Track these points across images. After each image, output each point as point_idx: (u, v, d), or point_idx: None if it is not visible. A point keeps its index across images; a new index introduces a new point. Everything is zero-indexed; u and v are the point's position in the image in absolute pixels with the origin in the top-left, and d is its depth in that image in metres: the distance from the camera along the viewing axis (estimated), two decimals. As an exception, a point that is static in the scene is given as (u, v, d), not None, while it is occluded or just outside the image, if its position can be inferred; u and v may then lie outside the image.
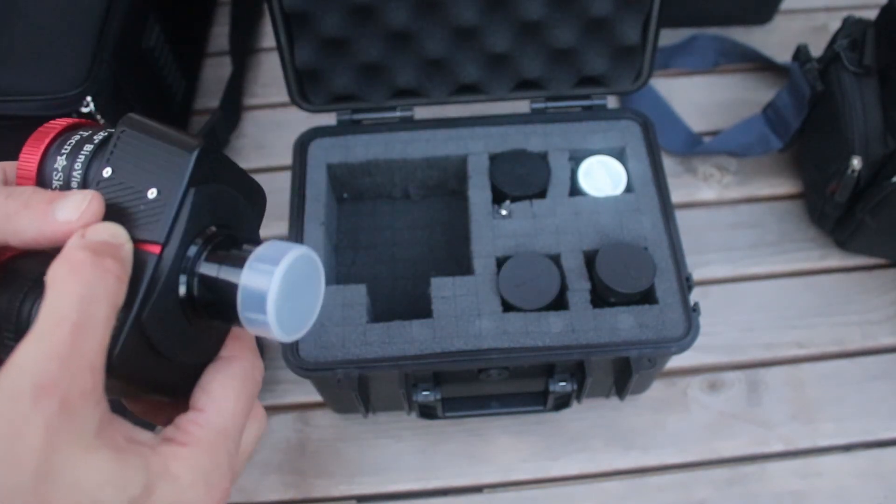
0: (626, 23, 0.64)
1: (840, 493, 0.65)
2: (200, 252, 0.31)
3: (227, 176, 0.34)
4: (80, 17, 0.67)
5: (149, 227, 0.30)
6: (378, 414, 0.69)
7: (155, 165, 0.31)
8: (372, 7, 0.61)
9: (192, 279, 0.31)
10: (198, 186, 0.31)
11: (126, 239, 0.29)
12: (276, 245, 0.31)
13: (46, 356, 0.25)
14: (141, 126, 0.32)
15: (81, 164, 0.32)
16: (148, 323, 0.29)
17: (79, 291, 0.27)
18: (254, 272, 0.30)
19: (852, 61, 0.70)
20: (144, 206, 0.30)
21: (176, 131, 0.32)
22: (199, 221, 0.31)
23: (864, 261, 0.77)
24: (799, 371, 0.71)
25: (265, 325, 0.30)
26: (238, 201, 0.34)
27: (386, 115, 0.69)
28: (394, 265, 0.69)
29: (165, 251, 0.30)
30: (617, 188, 0.65)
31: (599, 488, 0.66)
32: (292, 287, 0.31)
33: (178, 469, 0.29)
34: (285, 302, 0.30)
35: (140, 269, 0.30)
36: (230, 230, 0.33)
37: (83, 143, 0.33)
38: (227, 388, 0.32)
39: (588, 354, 0.57)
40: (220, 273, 0.31)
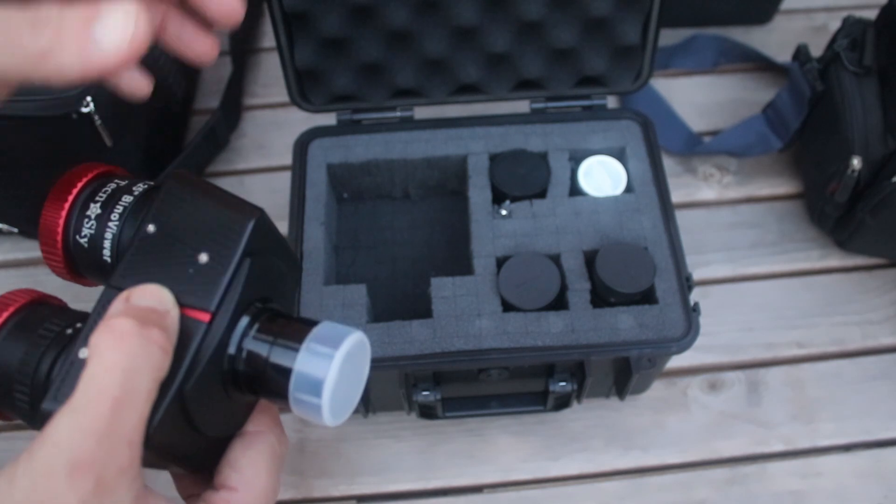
0: (626, 23, 0.64)
1: (840, 493, 0.65)
2: (250, 326, 0.30)
3: (273, 246, 0.32)
4: (80, 17, 0.67)
5: (198, 294, 0.28)
6: (378, 414, 0.69)
7: (207, 228, 0.29)
8: (372, 7, 0.61)
9: (239, 353, 0.30)
10: (252, 257, 0.29)
11: (172, 305, 0.28)
12: (332, 328, 0.30)
13: (84, 432, 0.24)
14: (190, 183, 0.30)
15: (119, 216, 0.31)
16: (190, 396, 0.28)
17: (122, 364, 0.25)
18: (313, 354, 0.29)
19: (852, 61, 0.70)
20: (194, 271, 0.29)
21: (229, 194, 0.31)
22: (250, 292, 0.30)
23: (864, 261, 0.77)
24: (799, 371, 0.71)
25: (317, 408, 0.29)
26: (283, 272, 0.33)
27: (386, 115, 0.69)
28: (394, 265, 0.69)
29: (216, 321, 0.29)
30: (617, 188, 0.65)
31: (599, 488, 0.66)
32: (346, 371, 0.30)
33: None
34: (338, 386, 0.29)
35: (187, 337, 0.28)
36: (274, 302, 0.32)
37: (121, 194, 0.31)
38: (257, 465, 0.31)
39: (588, 354, 0.57)
40: (274, 351, 0.29)
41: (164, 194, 0.30)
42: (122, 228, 0.31)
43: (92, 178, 0.32)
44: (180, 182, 0.30)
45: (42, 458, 0.24)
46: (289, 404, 0.29)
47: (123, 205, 0.31)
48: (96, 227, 0.31)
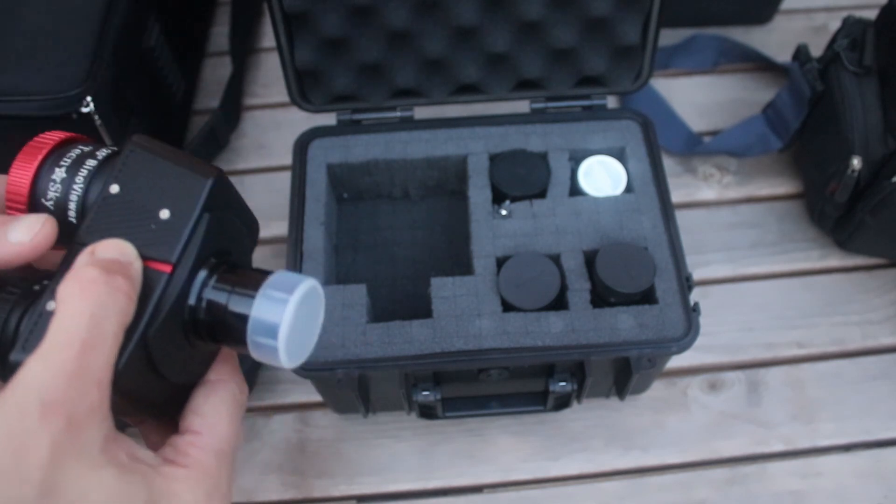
0: (626, 23, 0.64)
1: (840, 493, 0.65)
2: (209, 276, 0.31)
3: (232, 204, 0.34)
4: (80, 17, 0.67)
5: (160, 247, 0.30)
6: (378, 414, 0.69)
7: (168, 187, 0.31)
8: (372, 7, 0.61)
9: (199, 302, 0.31)
10: (211, 213, 0.31)
11: (135, 257, 0.29)
12: (287, 276, 0.31)
13: (54, 373, 0.26)
14: (151, 147, 0.32)
15: (84, 179, 0.32)
16: (153, 341, 0.30)
17: (89, 309, 0.27)
18: (268, 300, 0.30)
19: (852, 61, 0.70)
20: (156, 226, 0.31)
21: (188, 156, 0.32)
22: (209, 246, 0.31)
23: (864, 261, 0.77)
24: (799, 371, 0.71)
25: (274, 351, 0.30)
26: (240, 230, 0.35)
27: (386, 115, 0.69)
28: (394, 265, 0.69)
29: (177, 272, 0.30)
30: (617, 188, 0.65)
31: (599, 488, 0.66)
32: (301, 316, 0.31)
33: (181, 489, 0.29)
34: (293, 330, 0.31)
35: (149, 287, 0.30)
36: (233, 257, 0.33)
37: (85, 158, 0.33)
38: (219, 410, 0.32)
39: (588, 354, 0.57)
40: (232, 299, 0.31)
41: (126, 157, 0.32)
42: (86, 190, 0.32)
43: (57, 145, 0.34)
44: (142, 144, 0.32)
45: (13, 400, 0.25)
46: (248, 349, 0.31)
47: (88, 168, 0.32)
48: (62, 190, 0.32)
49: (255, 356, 0.31)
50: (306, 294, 0.31)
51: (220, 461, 0.31)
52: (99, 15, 0.67)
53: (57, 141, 0.34)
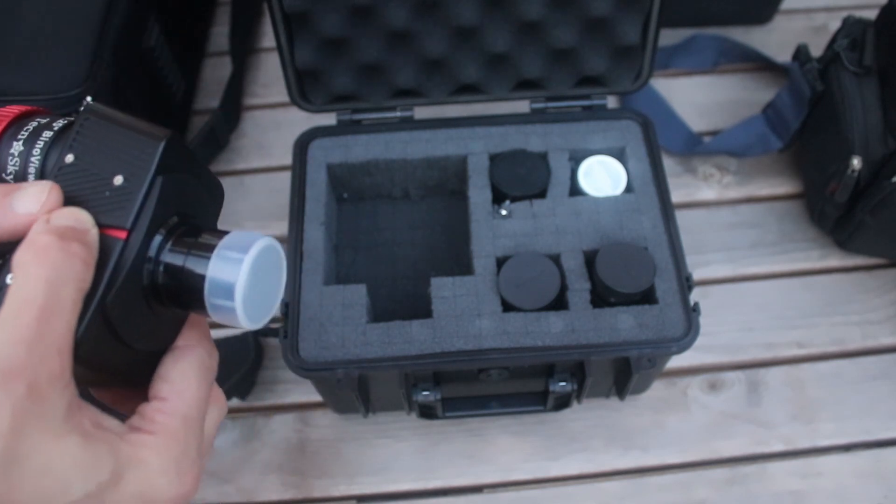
0: (626, 23, 0.64)
1: (840, 493, 0.65)
2: (166, 240, 0.31)
3: (190, 168, 0.34)
4: (80, 17, 0.67)
5: (114, 214, 0.30)
6: (378, 414, 0.69)
7: (121, 153, 0.31)
8: (372, 7, 0.61)
9: (156, 267, 0.31)
10: (165, 175, 0.31)
11: (91, 224, 0.29)
12: (242, 235, 0.31)
13: (12, 341, 0.25)
14: (104, 114, 0.32)
15: (40, 150, 0.32)
16: (112, 308, 0.29)
17: (45, 275, 0.27)
18: (223, 260, 0.30)
19: (852, 61, 0.70)
20: (110, 193, 0.30)
21: (140, 121, 0.32)
22: (165, 209, 0.31)
23: (864, 261, 0.77)
24: (799, 371, 0.71)
25: (232, 311, 0.30)
26: (200, 193, 0.35)
27: (386, 115, 0.69)
28: (394, 265, 0.69)
29: (132, 237, 0.30)
30: (617, 188, 0.65)
31: (599, 488, 0.66)
32: (258, 276, 0.31)
33: (147, 455, 0.29)
34: (251, 290, 0.31)
35: (105, 254, 0.30)
36: (192, 220, 0.33)
37: (41, 130, 0.33)
38: (187, 376, 0.32)
39: (588, 354, 0.57)
40: (188, 260, 0.31)
41: (80, 126, 0.32)
42: (44, 162, 0.32)
43: (14, 119, 0.33)
44: (95, 113, 0.32)
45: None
46: (207, 312, 0.31)
47: (44, 139, 0.32)
48: (20, 163, 0.32)
49: (215, 318, 0.31)
50: (262, 251, 0.31)
51: (188, 426, 0.31)
52: (99, 15, 0.67)
53: (14, 115, 0.33)
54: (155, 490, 0.29)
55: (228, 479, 0.67)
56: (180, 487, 0.30)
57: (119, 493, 0.28)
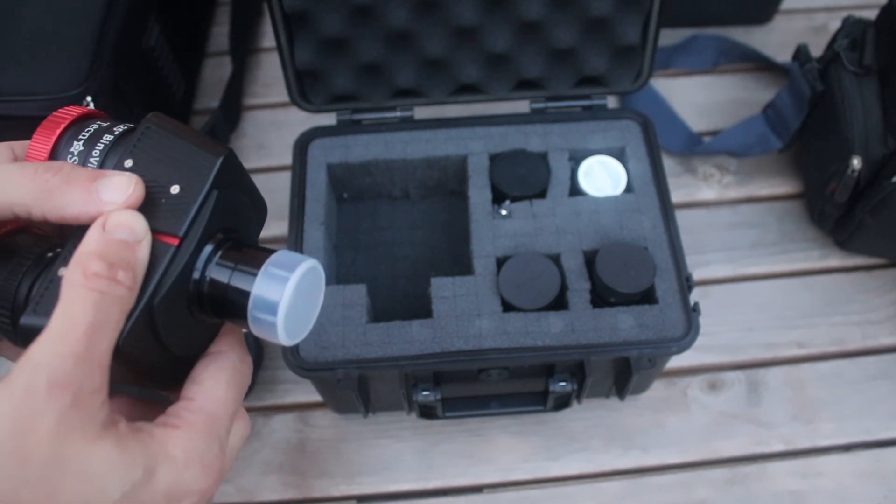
0: (626, 23, 0.64)
1: (840, 493, 0.65)
2: (215, 251, 0.32)
3: (241, 184, 0.35)
4: (80, 17, 0.67)
5: (168, 221, 0.31)
6: (378, 414, 0.69)
7: (179, 164, 0.32)
8: (372, 7, 0.61)
9: (203, 276, 0.32)
10: (220, 190, 0.32)
11: (144, 234, 0.30)
12: (290, 254, 0.33)
13: (62, 355, 0.27)
14: (166, 125, 0.33)
15: (100, 153, 0.33)
16: (158, 310, 0.31)
17: (93, 299, 0.28)
18: (270, 278, 0.32)
19: (852, 61, 0.70)
20: (166, 200, 0.31)
21: (200, 135, 0.33)
22: (216, 222, 0.32)
23: (864, 261, 0.77)
24: (799, 371, 0.71)
25: (273, 327, 0.31)
26: (248, 209, 0.36)
27: (386, 115, 0.69)
28: (394, 265, 0.69)
29: (183, 245, 0.31)
30: (617, 188, 0.65)
31: (599, 488, 0.66)
32: (301, 295, 0.32)
33: (175, 450, 0.30)
34: (293, 308, 0.32)
35: (156, 258, 0.31)
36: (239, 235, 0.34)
37: (102, 133, 0.34)
38: (217, 378, 0.33)
39: (588, 354, 0.57)
40: (235, 275, 0.32)
41: (142, 133, 0.33)
42: (102, 164, 0.33)
43: (75, 119, 0.35)
44: (157, 122, 0.33)
45: (21, 379, 0.26)
46: (249, 325, 0.32)
47: (104, 143, 0.33)
48: (79, 163, 0.33)
49: (255, 332, 0.32)
50: (307, 273, 0.32)
51: (213, 423, 0.32)
52: (99, 15, 0.67)
53: (76, 116, 0.35)
54: (182, 484, 0.30)
55: (228, 478, 0.67)
56: (205, 482, 0.31)
57: (152, 489, 0.29)
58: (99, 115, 0.36)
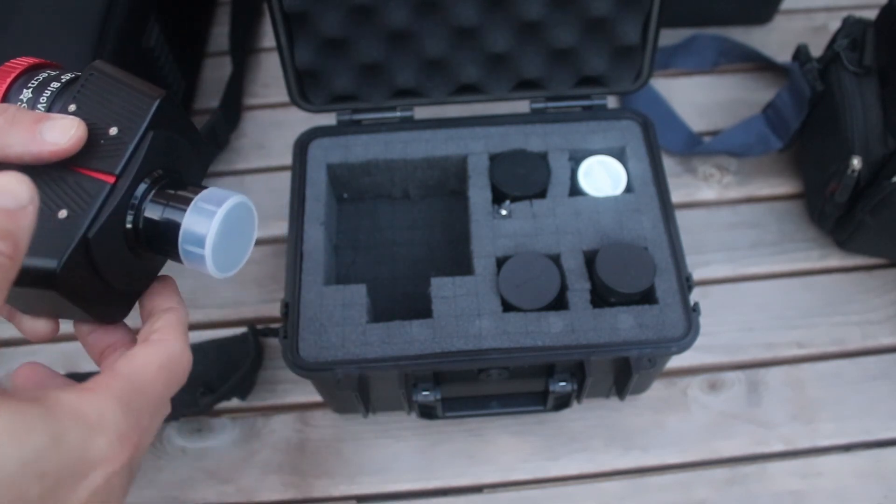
0: (626, 23, 0.64)
1: (840, 493, 0.65)
2: (150, 189, 0.34)
3: (181, 126, 0.37)
4: (79, 17, 0.67)
5: (106, 160, 0.33)
6: (378, 414, 0.69)
7: (119, 107, 0.34)
8: (372, 7, 0.61)
9: (138, 213, 0.34)
10: (156, 130, 0.34)
11: (29, 200, 0.28)
12: (218, 191, 0.35)
13: None
14: (108, 72, 0.35)
15: (47, 99, 0.35)
16: (94, 243, 0.32)
17: None
18: (198, 212, 0.34)
19: (852, 61, 0.70)
20: (104, 141, 0.34)
21: (140, 80, 0.35)
22: (152, 161, 0.34)
23: (864, 261, 0.77)
24: (799, 371, 0.71)
25: (201, 259, 0.34)
26: (187, 150, 0.38)
27: (386, 115, 0.69)
28: (394, 265, 0.69)
29: (119, 182, 0.33)
30: (617, 188, 0.65)
31: (599, 488, 0.66)
32: (230, 229, 0.35)
33: (87, 409, 0.28)
34: (221, 241, 0.34)
35: (93, 194, 0.33)
36: (178, 175, 0.36)
37: (50, 81, 0.36)
38: (150, 359, 0.33)
39: (588, 354, 0.57)
40: (167, 210, 0.34)
41: (85, 80, 0.35)
42: (48, 109, 0.35)
43: (27, 69, 0.36)
44: (100, 69, 0.35)
45: None
46: (181, 259, 0.34)
47: (51, 90, 0.35)
48: (26, 108, 0.35)
49: (186, 265, 0.34)
50: (234, 207, 0.34)
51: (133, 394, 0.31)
52: (99, 15, 0.67)
53: (27, 66, 0.36)
54: (93, 451, 0.28)
55: (228, 479, 0.67)
56: (119, 452, 0.29)
57: (60, 457, 0.26)
58: (49, 65, 0.37)
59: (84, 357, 0.38)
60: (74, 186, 0.33)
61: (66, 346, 0.72)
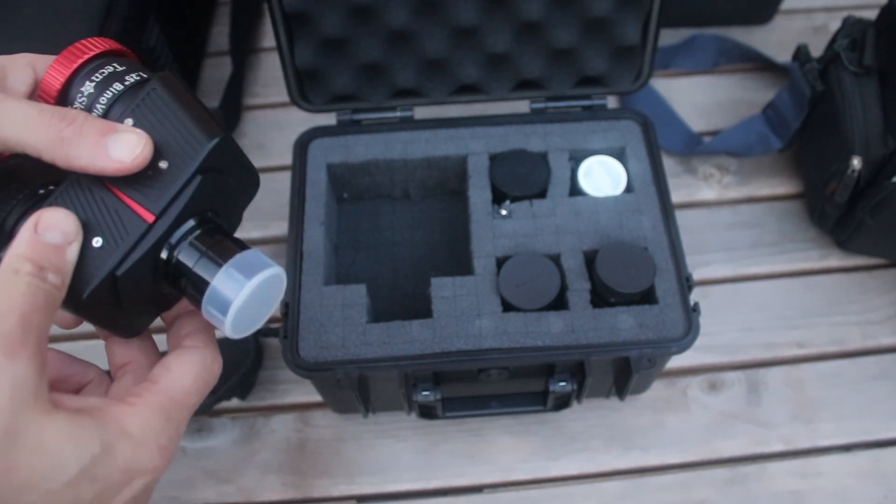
0: (626, 23, 0.64)
1: (840, 493, 0.65)
2: (187, 234, 0.33)
3: (231, 164, 0.35)
4: (79, 16, 0.67)
5: (148, 194, 0.32)
6: (378, 414, 0.69)
7: (173, 136, 0.33)
8: (372, 7, 0.61)
9: (171, 255, 0.33)
10: (205, 175, 0.33)
11: (76, 234, 0.31)
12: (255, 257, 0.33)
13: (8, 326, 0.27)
14: (172, 89, 0.33)
15: (108, 101, 0.34)
16: (121, 280, 0.32)
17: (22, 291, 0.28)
18: (229, 277, 0.32)
19: (852, 61, 0.70)
20: (151, 172, 0.32)
21: (203, 108, 0.34)
22: (195, 205, 0.33)
23: (864, 261, 0.77)
24: (799, 371, 0.71)
25: (220, 322, 0.33)
26: (235, 190, 0.36)
27: (386, 115, 0.69)
28: (394, 265, 0.69)
29: (157, 224, 0.32)
30: (617, 188, 0.65)
31: (599, 488, 0.66)
32: (256, 298, 0.33)
33: (131, 427, 0.30)
34: (245, 309, 0.33)
35: (128, 229, 0.32)
36: (218, 217, 0.35)
37: (114, 79, 0.34)
38: (186, 369, 0.34)
39: (588, 354, 0.57)
40: (201, 261, 0.33)
41: (147, 94, 0.33)
42: (107, 112, 0.33)
43: (95, 56, 0.35)
44: (164, 84, 0.33)
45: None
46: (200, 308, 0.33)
47: (113, 91, 0.34)
48: (87, 103, 0.34)
49: (205, 317, 0.33)
50: (266, 280, 0.33)
51: (172, 406, 0.32)
52: (99, 15, 0.67)
53: (96, 52, 0.35)
54: (138, 462, 0.30)
55: (228, 479, 0.67)
56: (158, 461, 0.31)
57: (109, 464, 0.29)
58: (122, 54, 0.36)
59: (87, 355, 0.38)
60: (113, 215, 0.32)
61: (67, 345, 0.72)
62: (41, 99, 0.34)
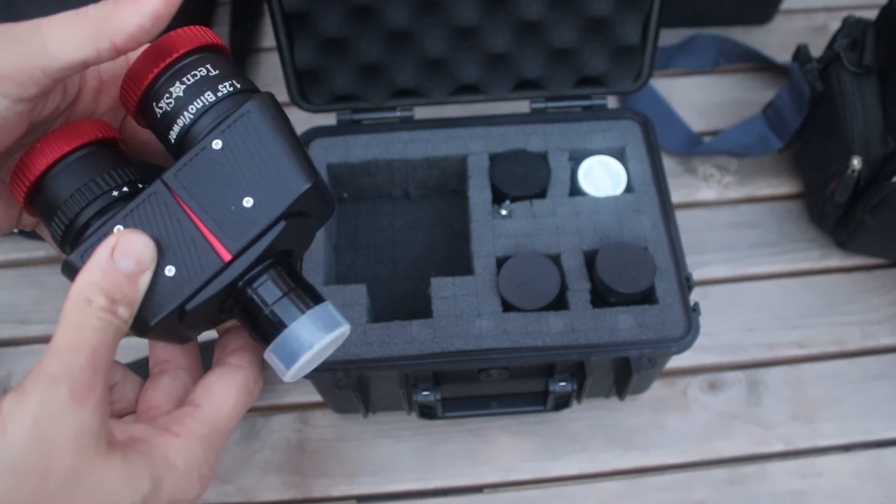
0: (626, 23, 0.64)
1: (840, 493, 0.65)
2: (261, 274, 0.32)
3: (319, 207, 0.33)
4: (80, 17, 0.67)
5: (228, 231, 0.31)
6: (378, 414, 0.69)
7: (262, 170, 0.31)
8: (372, 7, 0.61)
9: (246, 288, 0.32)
10: (289, 219, 0.31)
11: (151, 261, 0.30)
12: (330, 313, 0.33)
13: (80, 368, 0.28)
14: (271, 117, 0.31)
15: (197, 111, 0.31)
16: (189, 313, 0.31)
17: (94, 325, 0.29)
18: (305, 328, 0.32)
19: (852, 61, 0.70)
20: (235, 208, 0.31)
21: (297, 143, 0.32)
22: (274, 248, 0.32)
23: (864, 261, 0.77)
24: (799, 371, 0.71)
25: (282, 372, 0.32)
26: (312, 232, 0.35)
27: (386, 115, 0.69)
28: (394, 265, 0.69)
29: (234, 265, 0.31)
30: (617, 188, 0.65)
31: (599, 488, 0.66)
32: (319, 351, 0.33)
33: (176, 460, 0.31)
34: (307, 360, 0.32)
35: (203, 265, 0.31)
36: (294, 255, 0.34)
37: (206, 86, 0.32)
38: (229, 392, 0.34)
39: (588, 354, 0.57)
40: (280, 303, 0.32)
41: (241, 116, 0.31)
42: (195, 121, 0.31)
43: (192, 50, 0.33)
44: (262, 108, 0.31)
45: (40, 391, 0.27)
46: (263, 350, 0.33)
47: (204, 101, 0.32)
48: (174, 106, 0.32)
49: (265, 357, 0.33)
50: (336, 337, 0.33)
51: (214, 436, 0.33)
52: (99, 15, 0.67)
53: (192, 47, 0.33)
54: (181, 493, 0.31)
55: (228, 479, 0.67)
56: (198, 490, 0.32)
57: (158, 499, 0.30)
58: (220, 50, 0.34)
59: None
60: (190, 245, 0.31)
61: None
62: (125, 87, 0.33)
